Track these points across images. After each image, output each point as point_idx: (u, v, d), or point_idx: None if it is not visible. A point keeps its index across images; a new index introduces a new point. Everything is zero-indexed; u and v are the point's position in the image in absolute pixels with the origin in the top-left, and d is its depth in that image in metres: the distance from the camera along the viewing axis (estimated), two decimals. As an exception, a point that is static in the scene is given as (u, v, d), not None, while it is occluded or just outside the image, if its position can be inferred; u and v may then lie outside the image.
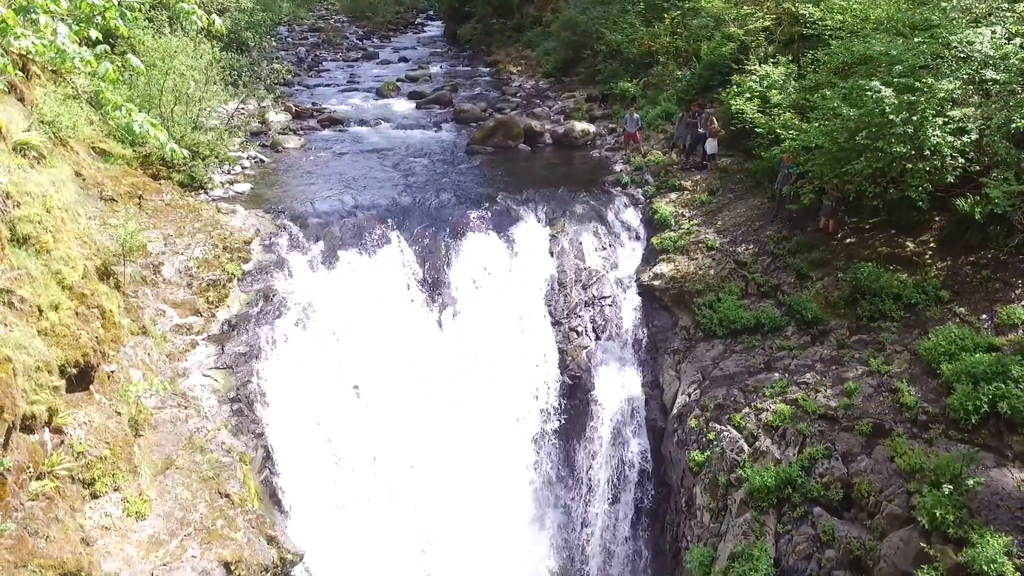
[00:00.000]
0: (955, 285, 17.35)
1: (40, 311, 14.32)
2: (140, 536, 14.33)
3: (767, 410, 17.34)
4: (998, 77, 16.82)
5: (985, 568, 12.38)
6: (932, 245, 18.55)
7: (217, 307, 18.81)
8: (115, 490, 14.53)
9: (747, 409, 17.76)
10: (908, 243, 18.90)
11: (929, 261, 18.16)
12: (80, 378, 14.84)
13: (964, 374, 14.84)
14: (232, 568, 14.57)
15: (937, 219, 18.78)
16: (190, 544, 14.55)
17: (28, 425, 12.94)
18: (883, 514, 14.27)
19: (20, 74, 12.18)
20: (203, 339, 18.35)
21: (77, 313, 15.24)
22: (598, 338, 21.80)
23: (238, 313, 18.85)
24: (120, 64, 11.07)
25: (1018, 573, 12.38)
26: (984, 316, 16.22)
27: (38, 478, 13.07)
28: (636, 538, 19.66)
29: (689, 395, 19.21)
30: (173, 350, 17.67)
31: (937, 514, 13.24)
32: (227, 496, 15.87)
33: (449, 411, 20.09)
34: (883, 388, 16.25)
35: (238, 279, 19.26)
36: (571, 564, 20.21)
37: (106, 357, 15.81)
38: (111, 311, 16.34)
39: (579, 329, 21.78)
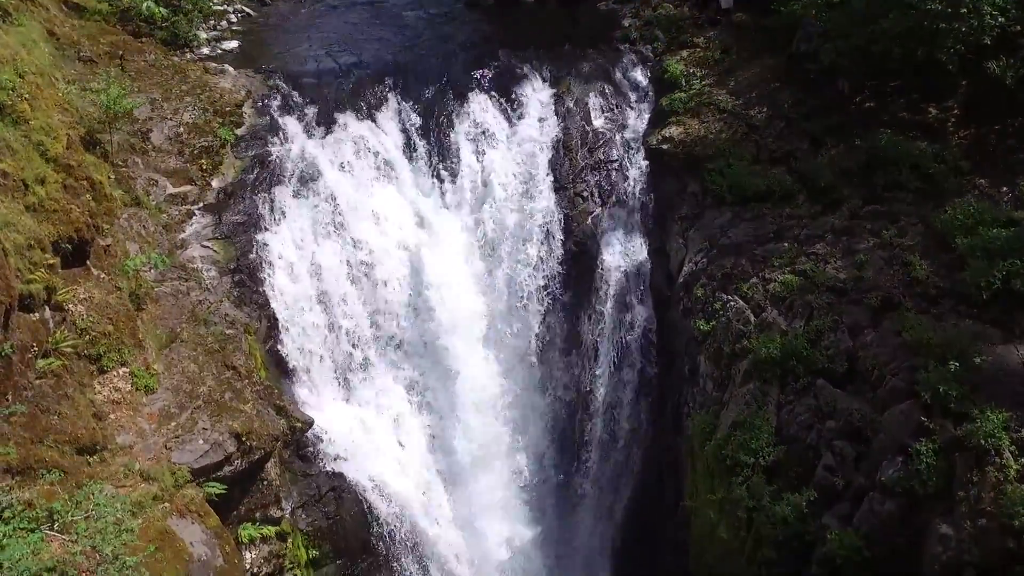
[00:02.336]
0: (977, 155, 16.70)
1: (25, 186, 13.75)
2: (151, 409, 14.53)
3: (775, 280, 17.16)
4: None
5: (983, 442, 12.64)
6: (956, 112, 17.70)
7: (211, 175, 18.16)
8: (122, 365, 14.58)
9: (754, 279, 17.57)
10: (930, 109, 18.04)
11: (952, 129, 17.41)
12: (76, 254, 14.51)
13: (979, 249, 14.55)
14: (243, 439, 14.87)
15: (964, 83, 17.79)
16: (200, 416, 14.78)
17: (27, 304, 12.75)
18: (886, 387, 14.43)
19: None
20: (199, 209, 17.85)
21: (65, 186, 14.66)
22: (604, 203, 21.28)
23: (233, 180, 18.23)
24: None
25: (1014, 447, 12.66)
26: (1005, 189, 15.71)
27: (43, 356, 13.04)
28: (638, 404, 20.08)
29: (696, 263, 18.98)
30: (169, 221, 17.22)
31: (940, 389, 13.36)
32: (234, 368, 15.98)
33: (451, 275, 19.95)
34: (894, 261, 15.99)
35: (231, 144, 18.48)
36: (574, 429, 20.76)
37: (100, 231, 15.40)
38: (101, 182, 15.75)
39: (584, 194, 21.23)
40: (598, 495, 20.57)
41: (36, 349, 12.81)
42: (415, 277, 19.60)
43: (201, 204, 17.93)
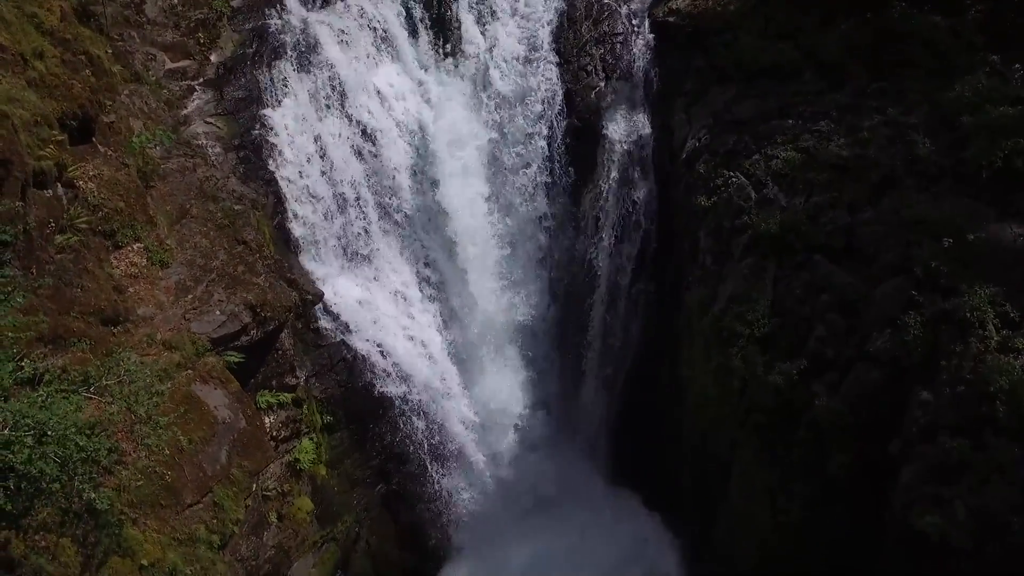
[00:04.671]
0: (992, 29, 16.26)
1: (24, 60, 13.65)
2: (167, 283, 15.01)
3: (777, 157, 17.21)
4: None
5: (968, 315, 13.19)
6: (975, -19, 17.17)
7: (209, 49, 17.86)
8: (136, 240, 14.94)
9: (757, 156, 17.62)
10: (949, -22, 17.47)
11: (969, 1, 16.90)
12: (81, 131, 14.56)
13: (984, 128, 14.55)
14: (258, 310, 15.45)
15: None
16: (215, 289, 15.28)
17: (40, 181, 12.95)
18: (880, 263, 14.83)
19: None
20: (199, 84, 17.67)
21: (64, 61, 14.52)
22: (608, 78, 20.90)
23: (232, 55, 17.93)
24: None
25: (998, 320, 13.22)
26: (1017, 65, 15.37)
27: (60, 232, 13.36)
28: (639, 279, 20.53)
29: (699, 140, 18.96)
30: (170, 97, 17.10)
31: (932, 264, 13.81)
32: (244, 243, 16.38)
33: (454, 149, 19.98)
34: (898, 139, 15.98)
35: (227, 17, 18.05)
36: (577, 303, 21.30)
37: (103, 107, 15.35)
38: (99, 57, 15.56)
39: (588, 68, 20.85)
40: (599, 367, 21.41)
41: (53, 225, 13.11)
42: (418, 151, 19.66)
43: (201, 79, 17.74)
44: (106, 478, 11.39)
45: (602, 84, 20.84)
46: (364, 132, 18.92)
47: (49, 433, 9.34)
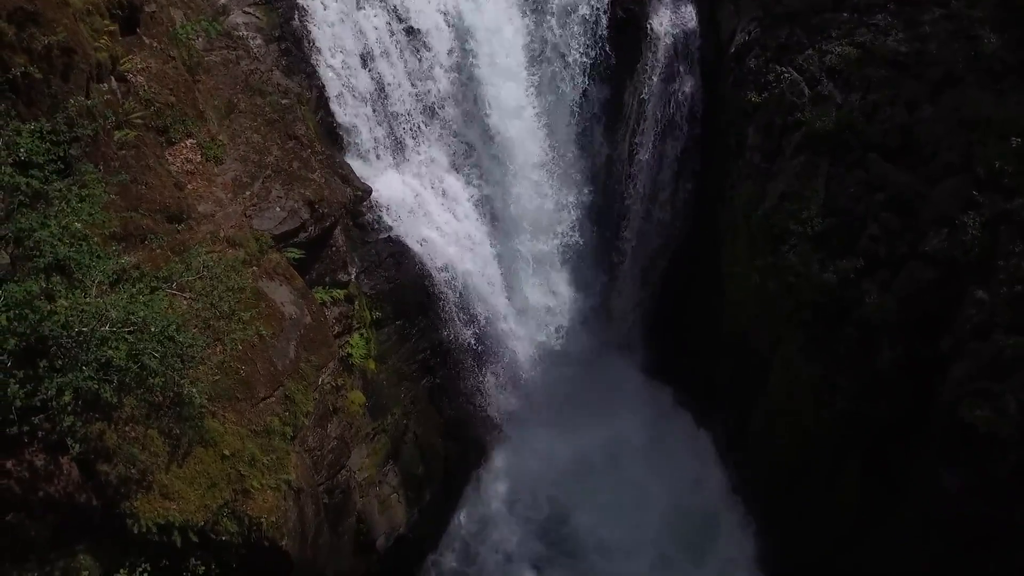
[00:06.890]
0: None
1: (62, -60, 12.99)
2: (224, 179, 14.83)
3: (832, 52, 16.89)
4: None
5: (1031, 213, 13.31)
6: None
7: (244, -69, 17.03)
8: (188, 136, 14.66)
9: (810, 50, 17.29)
10: None
11: None
12: (127, 21, 14.03)
13: (1056, 21, 14.25)
14: (316, 206, 15.37)
15: None
16: (273, 185, 15.14)
17: (97, 74, 12.61)
18: (939, 162, 14.82)
19: None
20: (235, -31, 16.95)
21: (97, -58, 13.84)
22: (653, -35, 20.18)
23: (267, -62, 17.13)
24: None
25: (1060, 216, 13.34)
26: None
27: (117, 128, 13.12)
28: (680, 174, 20.42)
29: (749, 33, 18.51)
30: (207, -16, 16.42)
31: (996, 164, 13.78)
32: (296, 138, 16.10)
33: (495, 40, 19.39)
34: (960, 34, 15.59)
35: None
36: (617, 197, 21.24)
37: (145, -6, 14.76)
38: (129, -65, 14.83)
39: (633, -46, 20.08)
40: (637, 260, 21.59)
41: (112, 120, 12.84)
42: (459, 41, 19.08)
43: (235, -37, 16.99)
44: (189, 372, 11.68)
45: (648, -28, 20.09)
46: (403, 21, 18.31)
47: (152, 329, 9.53)
